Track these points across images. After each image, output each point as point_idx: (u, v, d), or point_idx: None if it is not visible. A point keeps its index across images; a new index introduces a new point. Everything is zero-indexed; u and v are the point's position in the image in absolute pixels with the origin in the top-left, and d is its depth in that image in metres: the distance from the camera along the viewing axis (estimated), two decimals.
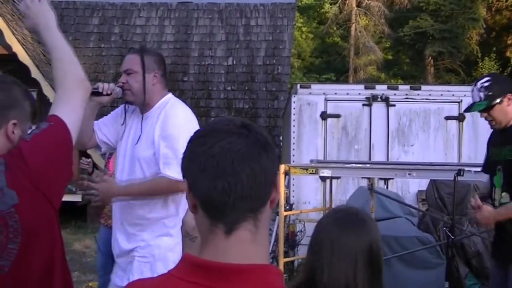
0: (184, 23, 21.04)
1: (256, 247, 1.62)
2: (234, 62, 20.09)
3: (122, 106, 4.70)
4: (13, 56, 16.94)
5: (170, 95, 4.63)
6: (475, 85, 5.07)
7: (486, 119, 5.06)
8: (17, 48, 17.08)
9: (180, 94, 19.22)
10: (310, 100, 11.65)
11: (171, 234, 4.39)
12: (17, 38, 17.19)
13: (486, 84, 4.98)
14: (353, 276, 2.51)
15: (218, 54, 20.25)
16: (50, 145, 2.42)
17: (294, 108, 11.62)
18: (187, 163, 1.66)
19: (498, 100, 4.91)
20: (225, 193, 1.58)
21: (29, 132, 2.47)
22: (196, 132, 1.70)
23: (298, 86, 11.91)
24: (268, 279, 1.59)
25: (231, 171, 1.58)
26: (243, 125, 1.66)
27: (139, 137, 4.47)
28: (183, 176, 1.69)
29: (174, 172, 4.17)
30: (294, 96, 11.70)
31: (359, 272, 2.52)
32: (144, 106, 4.53)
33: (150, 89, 4.45)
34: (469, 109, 5.21)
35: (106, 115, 4.83)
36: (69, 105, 2.56)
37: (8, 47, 17.19)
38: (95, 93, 4.30)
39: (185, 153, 1.69)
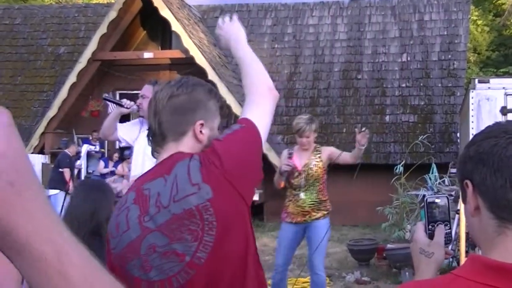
0: (356, 21, 21.02)
1: None
2: (409, 59, 19.85)
3: (140, 118, 6.27)
4: (191, 59, 17.53)
5: None
6: None
7: None
8: (194, 52, 17.66)
9: (355, 92, 19.25)
10: (489, 95, 11.28)
11: None
12: (193, 42, 17.76)
13: None
14: None
15: (392, 51, 20.08)
16: (243, 145, 2.52)
17: (472, 104, 11.28)
18: (473, 164, 1.65)
19: None
20: None
21: (222, 133, 2.56)
22: (483, 134, 1.69)
23: (476, 80, 11.57)
24: None
25: None
26: None
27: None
28: (465, 177, 1.69)
29: None
30: (472, 91, 11.37)
31: None
32: None
33: None
34: None
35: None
36: (260, 110, 2.72)
37: (185, 51, 17.81)
38: (121, 105, 6.22)
39: (468, 153, 1.69)
